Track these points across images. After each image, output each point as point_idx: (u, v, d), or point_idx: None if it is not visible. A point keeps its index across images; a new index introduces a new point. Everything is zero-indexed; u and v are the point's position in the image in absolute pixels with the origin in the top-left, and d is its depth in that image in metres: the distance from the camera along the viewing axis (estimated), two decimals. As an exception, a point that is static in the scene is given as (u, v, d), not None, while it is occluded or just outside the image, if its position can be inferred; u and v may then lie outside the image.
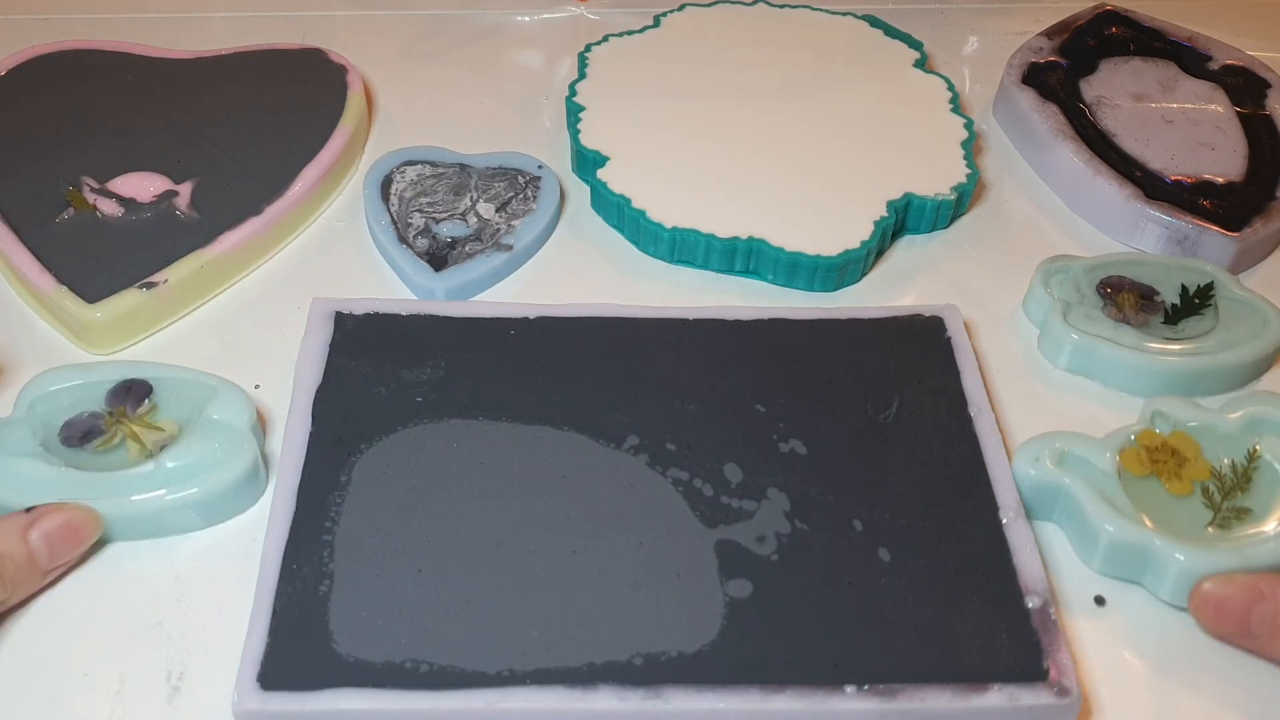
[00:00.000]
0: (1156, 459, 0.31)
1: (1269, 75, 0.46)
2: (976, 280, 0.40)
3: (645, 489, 0.31)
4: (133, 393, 0.33)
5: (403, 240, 0.39)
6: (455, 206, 0.41)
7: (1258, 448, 0.32)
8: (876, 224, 0.39)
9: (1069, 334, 0.36)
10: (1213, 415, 0.32)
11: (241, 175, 0.40)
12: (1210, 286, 0.37)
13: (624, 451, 0.32)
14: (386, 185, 0.41)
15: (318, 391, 0.33)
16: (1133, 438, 0.32)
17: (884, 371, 0.34)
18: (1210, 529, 0.30)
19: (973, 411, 0.33)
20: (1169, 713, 0.28)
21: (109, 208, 0.39)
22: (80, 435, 0.32)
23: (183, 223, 0.39)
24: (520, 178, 0.42)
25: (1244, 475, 0.31)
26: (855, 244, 0.39)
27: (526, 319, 0.35)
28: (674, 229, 0.39)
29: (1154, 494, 0.31)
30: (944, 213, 0.41)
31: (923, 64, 0.46)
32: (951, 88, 0.45)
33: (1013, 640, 0.28)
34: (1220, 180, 0.41)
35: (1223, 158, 0.42)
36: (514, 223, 0.40)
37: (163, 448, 0.31)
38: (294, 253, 0.40)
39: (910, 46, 0.47)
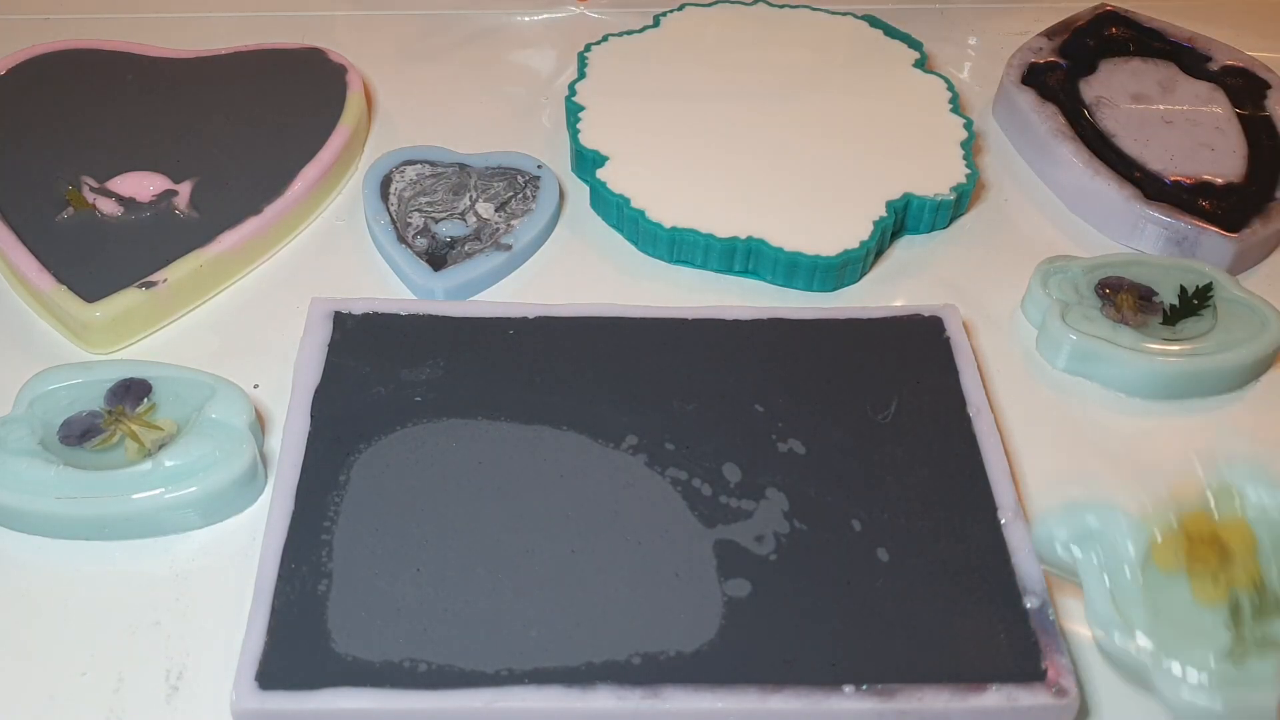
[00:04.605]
0: (1196, 555, 0.25)
1: (1269, 76, 0.46)
2: (975, 281, 0.40)
3: (644, 489, 0.31)
4: (132, 392, 0.33)
5: (402, 240, 0.39)
6: (454, 206, 0.41)
7: None
8: (876, 224, 0.39)
9: (1067, 334, 0.36)
10: None
11: (241, 175, 0.40)
12: (1209, 287, 0.37)
13: (622, 451, 0.32)
14: (386, 185, 0.41)
15: (316, 391, 0.33)
16: (1176, 521, 0.26)
17: (883, 371, 0.34)
18: (1227, 660, 0.24)
19: (971, 412, 0.33)
20: (1167, 714, 0.28)
21: (108, 207, 0.39)
22: (79, 434, 0.32)
23: (182, 222, 0.39)
24: (519, 177, 0.42)
25: None
26: (854, 244, 0.39)
27: (526, 319, 0.35)
28: (673, 229, 0.39)
29: (1178, 597, 0.25)
30: (943, 213, 0.41)
31: (922, 64, 0.46)
32: (951, 88, 0.45)
33: (1011, 640, 0.28)
34: (1219, 181, 0.41)
35: (1222, 158, 0.42)
36: (513, 222, 0.40)
37: (161, 447, 0.31)
38: (293, 252, 0.40)
39: (910, 46, 0.47)
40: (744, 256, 0.39)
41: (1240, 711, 0.24)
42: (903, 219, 0.41)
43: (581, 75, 0.45)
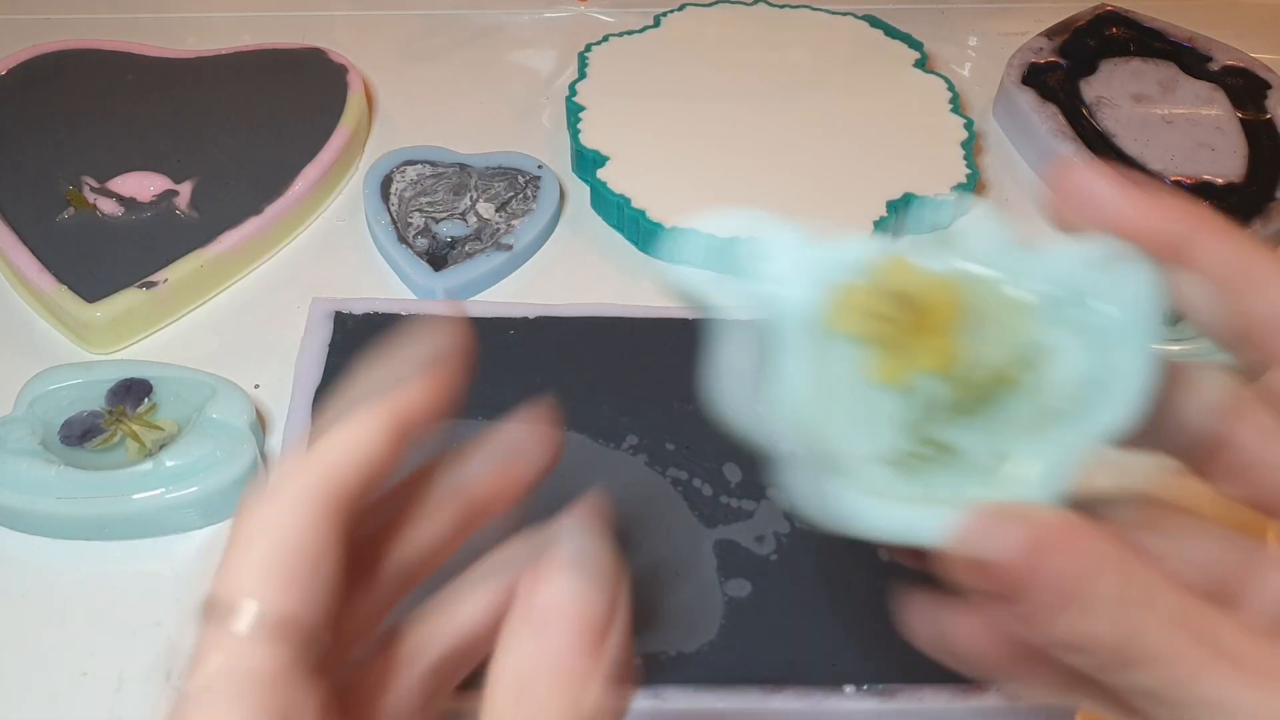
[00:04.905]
0: (886, 315, 0.18)
1: (1269, 76, 0.46)
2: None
3: (645, 488, 0.31)
4: (132, 392, 0.33)
5: (402, 240, 0.39)
6: (455, 206, 0.41)
7: (1040, 345, 0.18)
8: (876, 224, 0.39)
9: (1068, 334, 0.36)
10: (1035, 261, 0.18)
11: (241, 175, 0.40)
12: (1210, 287, 0.37)
13: (623, 451, 0.32)
14: (386, 185, 0.41)
15: (317, 391, 0.33)
16: (864, 268, 0.18)
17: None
18: (892, 466, 0.18)
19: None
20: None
21: (109, 207, 0.39)
22: (80, 434, 0.32)
23: (182, 222, 0.39)
24: (520, 177, 0.42)
25: (996, 386, 0.18)
26: (855, 244, 0.39)
27: (526, 319, 0.35)
28: (674, 229, 0.39)
29: (849, 370, 0.18)
30: (944, 213, 0.41)
31: (923, 64, 0.46)
32: (951, 88, 0.45)
33: (1012, 640, 0.28)
34: (1220, 181, 0.41)
35: (1222, 159, 0.42)
36: (514, 222, 0.40)
37: (162, 447, 0.31)
38: (294, 252, 0.40)
39: (910, 46, 0.47)
40: (744, 256, 0.39)
41: (897, 530, 0.17)
42: (903, 219, 0.41)
43: (582, 75, 0.45)
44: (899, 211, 0.40)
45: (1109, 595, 0.16)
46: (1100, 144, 0.43)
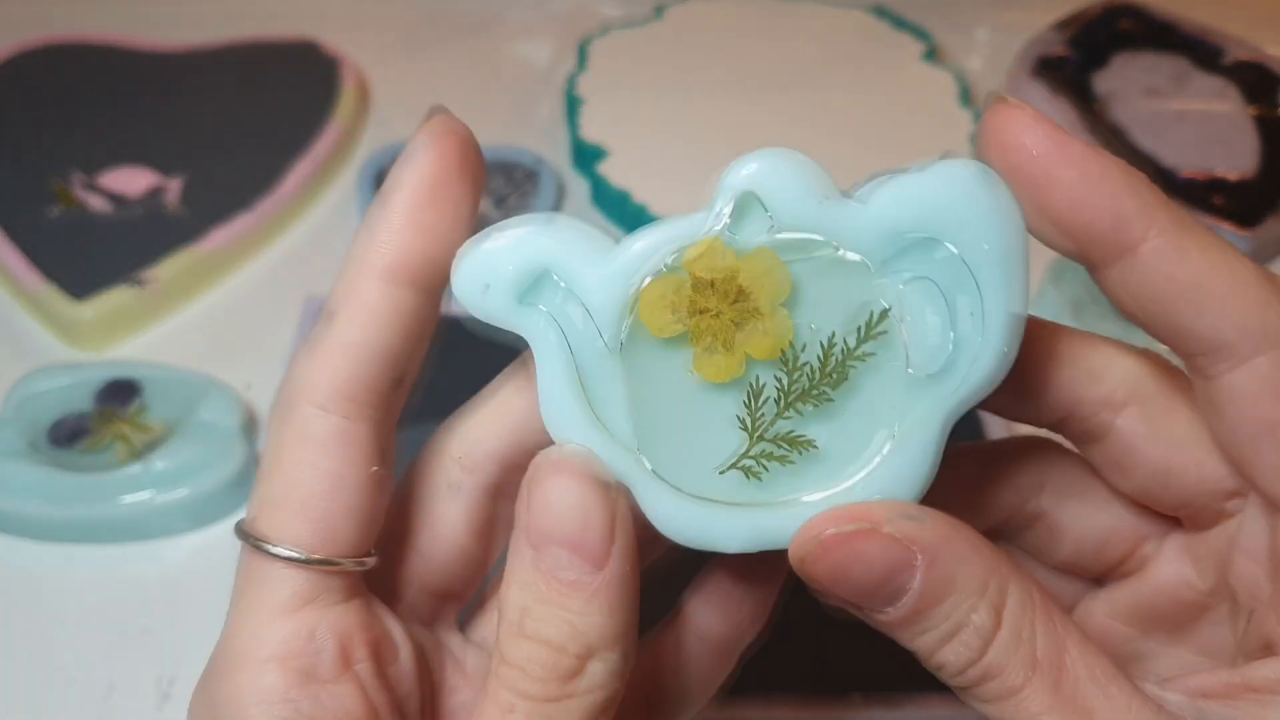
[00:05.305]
0: (701, 307, 0.16)
1: (1283, 70, 0.45)
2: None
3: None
4: (121, 393, 0.32)
5: (398, 236, 0.38)
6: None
7: (882, 309, 0.16)
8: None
9: (1078, 334, 0.35)
10: (864, 214, 0.16)
11: (232, 170, 0.39)
12: (1223, 286, 0.37)
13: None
14: (380, 180, 0.40)
15: (310, 392, 0.32)
16: (673, 261, 0.16)
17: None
18: (731, 471, 0.16)
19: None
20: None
21: (97, 203, 0.38)
22: (68, 436, 0.31)
23: (172, 219, 0.38)
24: (517, 172, 0.41)
25: (840, 363, 0.16)
26: (860, 241, 0.38)
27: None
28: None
29: (671, 374, 0.16)
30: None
31: (931, 57, 0.45)
32: (960, 81, 0.44)
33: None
34: (1233, 177, 0.41)
35: (1235, 154, 0.42)
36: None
37: (152, 449, 0.31)
38: (286, 249, 0.40)
39: (918, 39, 0.46)
40: (747, 254, 0.38)
41: (752, 538, 0.16)
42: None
43: (582, 68, 0.44)
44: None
45: (952, 617, 0.16)
46: (1112, 139, 0.42)
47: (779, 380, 0.16)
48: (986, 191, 0.16)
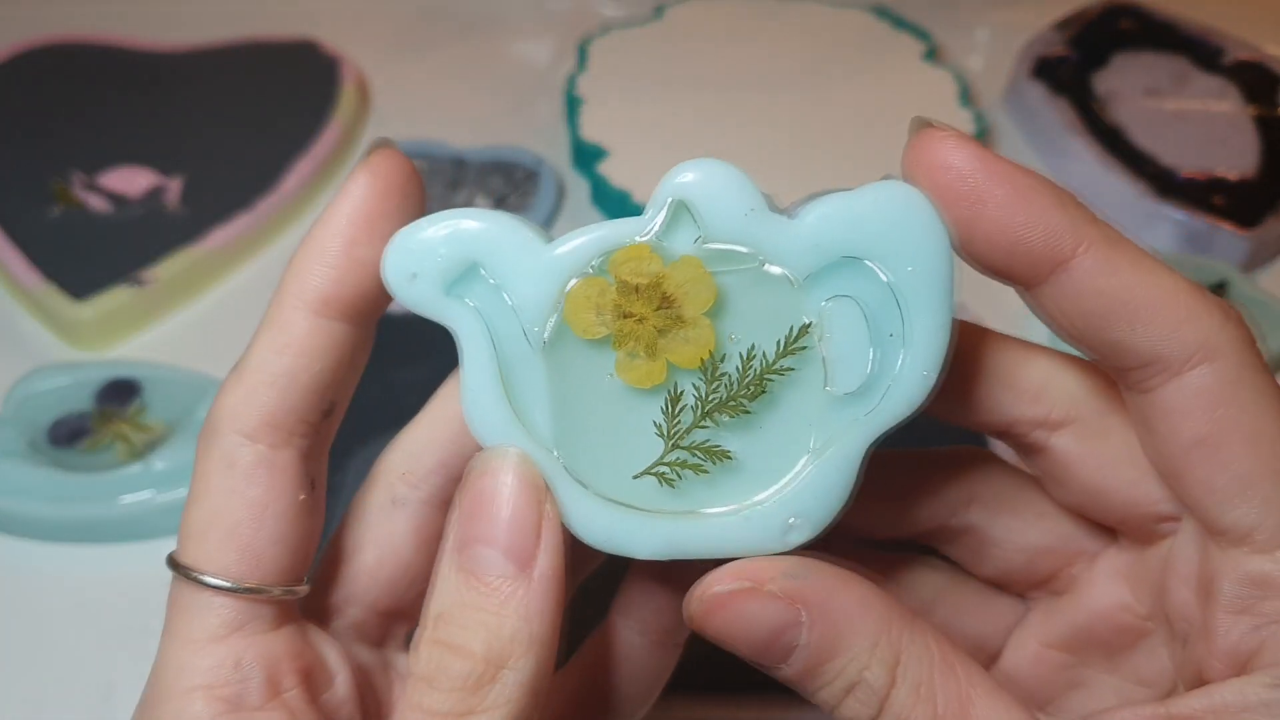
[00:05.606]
0: (627, 312, 0.16)
1: (1283, 70, 0.45)
2: (984, 278, 0.39)
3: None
4: (121, 392, 0.32)
5: (398, 236, 0.38)
6: (451, 202, 0.40)
7: (803, 325, 0.16)
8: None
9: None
10: (793, 230, 0.16)
11: (232, 170, 0.39)
12: (1223, 285, 0.37)
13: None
14: (382, 180, 0.40)
15: (310, 392, 0.32)
16: (600, 264, 0.16)
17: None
18: (646, 477, 0.16)
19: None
20: None
21: (97, 203, 0.38)
22: (68, 436, 0.31)
23: (172, 218, 0.38)
24: (517, 172, 0.41)
25: (759, 376, 0.16)
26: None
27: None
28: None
29: (594, 377, 0.16)
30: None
31: (931, 56, 0.45)
32: (960, 80, 0.44)
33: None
34: (1233, 177, 0.41)
35: (1235, 154, 0.41)
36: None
37: (152, 448, 0.31)
38: (286, 249, 0.40)
39: (918, 38, 0.46)
40: (747, 254, 0.38)
41: (662, 546, 0.16)
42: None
43: (582, 67, 0.44)
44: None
45: (844, 673, 0.15)
46: (1111, 139, 0.42)
47: (698, 389, 0.16)
48: (913, 213, 0.16)
